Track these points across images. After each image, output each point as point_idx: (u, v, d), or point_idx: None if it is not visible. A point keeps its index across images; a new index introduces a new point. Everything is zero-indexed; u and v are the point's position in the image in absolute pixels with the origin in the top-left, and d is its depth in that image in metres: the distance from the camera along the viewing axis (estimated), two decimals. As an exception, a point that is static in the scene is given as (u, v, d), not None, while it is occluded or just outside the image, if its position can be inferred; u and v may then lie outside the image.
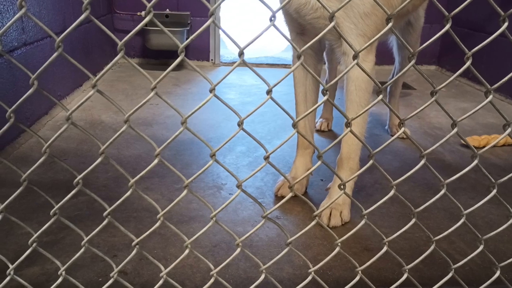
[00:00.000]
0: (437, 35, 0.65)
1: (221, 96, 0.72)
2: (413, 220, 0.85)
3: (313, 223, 0.82)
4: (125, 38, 0.64)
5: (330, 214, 1.47)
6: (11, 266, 0.82)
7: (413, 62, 0.67)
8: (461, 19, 3.39)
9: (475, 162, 0.76)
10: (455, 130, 0.72)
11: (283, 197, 1.63)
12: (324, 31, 0.67)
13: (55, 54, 0.63)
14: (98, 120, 2.36)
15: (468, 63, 0.68)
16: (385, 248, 0.87)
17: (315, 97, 1.67)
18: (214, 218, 0.79)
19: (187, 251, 0.82)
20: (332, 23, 0.67)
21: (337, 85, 2.54)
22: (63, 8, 2.47)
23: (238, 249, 0.83)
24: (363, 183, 1.77)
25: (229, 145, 2.06)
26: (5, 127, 0.69)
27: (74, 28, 0.63)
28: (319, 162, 0.77)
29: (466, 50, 0.68)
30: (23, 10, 0.61)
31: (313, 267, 0.88)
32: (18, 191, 0.73)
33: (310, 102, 1.65)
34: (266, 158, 0.75)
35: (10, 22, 0.62)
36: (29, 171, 0.73)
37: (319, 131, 2.36)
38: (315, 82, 1.64)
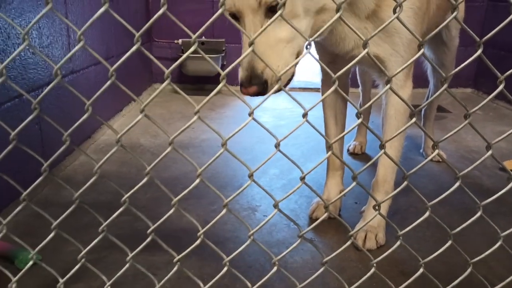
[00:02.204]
0: (469, 60, 0.67)
1: (256, 119, 0.76)
2: (449, 242, 0.85)
3: (348, 243, 0.84)
4: (172, 66, 0.69)
5: (365, 236, 1.47)
6: (61, 281, 0.88)
7: (445, 86, 0.69)
8: (497, 42, 3.35)
9: (511, 184, 0.76)
10: (490, 152, 0.73)
11: (317, 219, 1.64)
12: (357, 58, 0.70)
13: (108, 82, 0.69)
14: (137, 143, 2.46)
15: (501, 87, 0.69)
16: (421, 270, 0.87)
17: (344, 119, 1.71)
18: (251, 237, 0.82)
19: (225, 268, 0.85)
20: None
21: (371, 109, 2.54)
22: (106, 38, 2.61)
23: (275, 268, 0.85)
24: (398, 207, 1.75)
25: (263, 168, 2.08)
26: (61, 149, 0.75)
27: (127, 58, 0.69)
28: (354, 183, 0.79)
29: (499, 74, 0.69)
30: (81, 43, 0.68)
31: (349, 288, 0.89)
32: (71, 208, 0.78)
33: (340, 124, 1.69)
34: (302, 178, 0.78)
35: (70, 54, 0.69)
36: (80, 190, 0.78)
37: (353, 154, 2.37)
38: (344, 105, 1.68)
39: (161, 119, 2.94)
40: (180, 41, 3.67)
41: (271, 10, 1.01)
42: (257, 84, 1.02)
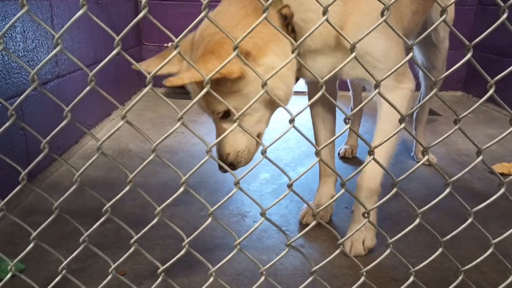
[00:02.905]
0: (459, 64, 0.66)
1: (245, 126, 0.74)
2: (440, 250, 0.84)
3: (337, 251, 0.82)
4: (153, 72, 0.67)
5: (352, 243, 1.46)
6: (41, 292, 0.85)
7: (435, 90, 0.68)
8: (486, 45, 3.35)
9: (502, 190, 0.75)
10: (480, 158, 0.71)
11: (308, 224, 1.62)
12: (343, 64, 0.68)
13: (87, 88, 0.67)
14: (126, 148, 2.42)
15: (491, 91, 0.68)
16: (412, 278, 0.85)
17: (333, 124, 1.70)
18: (238, 246, 0.80)
19: (211, 279, 0.82)
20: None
21: (362, 112, 2.53)
22: (95, 42, 2.58)
23: (262, 278, 0.83)
24: (389, 211, 1.74)
25: (253, 172, 2.06)
26: (39, 158, 0.72)
27: (106, 63, 0.67)
28: (343, 190, 0.77)
29: (489, 79, 0.68)
30: (59, 47, 0.65)
31: (338, 297, 0.87)
32: (50, 219, 0.75)
33: (328, 129, 1.68)
34: (290, 186, 0.76)
35: (46, 58, 0.66)
36: (60, 199, 0.75)
37: (344, 157, 2.35)
38: (331, 109, 1.67)
39: (150, 123, 2.91)
40: (169, 44, 3.64)
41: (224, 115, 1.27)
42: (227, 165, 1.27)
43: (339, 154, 2.37)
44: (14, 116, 0.68)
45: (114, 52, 0.65)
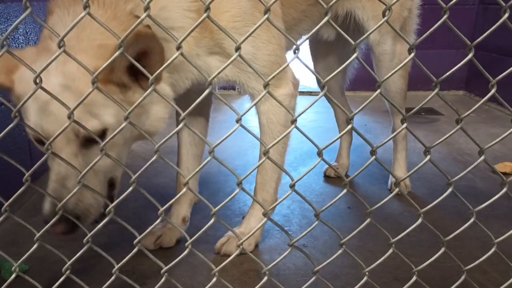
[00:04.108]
0: (460, 64, 0.66)
1: (246, 124, 0.75)
2: (443, 249, 0.84)
3: (339, 251, 0.82)
4: (155, 74, 0.67)
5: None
6: (45, 293, 0.85)
7: (436, 90, 0.68)
8: (489, 45, 3.35)
9: (504, 190, 0.75)
10: (482, 158, 0.72)
11: (329, 177, 2.02)
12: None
13: (91, 89, 0.67)
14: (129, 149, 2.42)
15: (492, 91, 0.68)
16: (414, 278, 0.86)
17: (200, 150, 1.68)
18: (240, 247, 0.80)
19: (214, 279, 0.83)
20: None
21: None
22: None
23: (265, 278, 0.83)
24: (391, 211, 1.74)
25: (254, 173, 2.07)
26: (43, 158, 0.72)
27: (109, 64, 0.67)
28: (345, 190, 0.77)
29: (490, 78, 0.68)
30: (61, 49, 0.65)
31: (341, 296, 0.87)
32: (54, 219, 0.76)
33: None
34: (292, 186, 0.76)
35: (49, 60, 0.67)
36: (64, 200, 0.76)
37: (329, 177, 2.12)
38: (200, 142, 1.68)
39: (152, 124, 2.91)
40: (171, 45, 3.65)
41: (88, 140, 0.93)
42: (65, 222, 0.90)
43: (324, 173, 2.12)
44: (18, 117, 0.69)
45: (117, 53, 0.66)
